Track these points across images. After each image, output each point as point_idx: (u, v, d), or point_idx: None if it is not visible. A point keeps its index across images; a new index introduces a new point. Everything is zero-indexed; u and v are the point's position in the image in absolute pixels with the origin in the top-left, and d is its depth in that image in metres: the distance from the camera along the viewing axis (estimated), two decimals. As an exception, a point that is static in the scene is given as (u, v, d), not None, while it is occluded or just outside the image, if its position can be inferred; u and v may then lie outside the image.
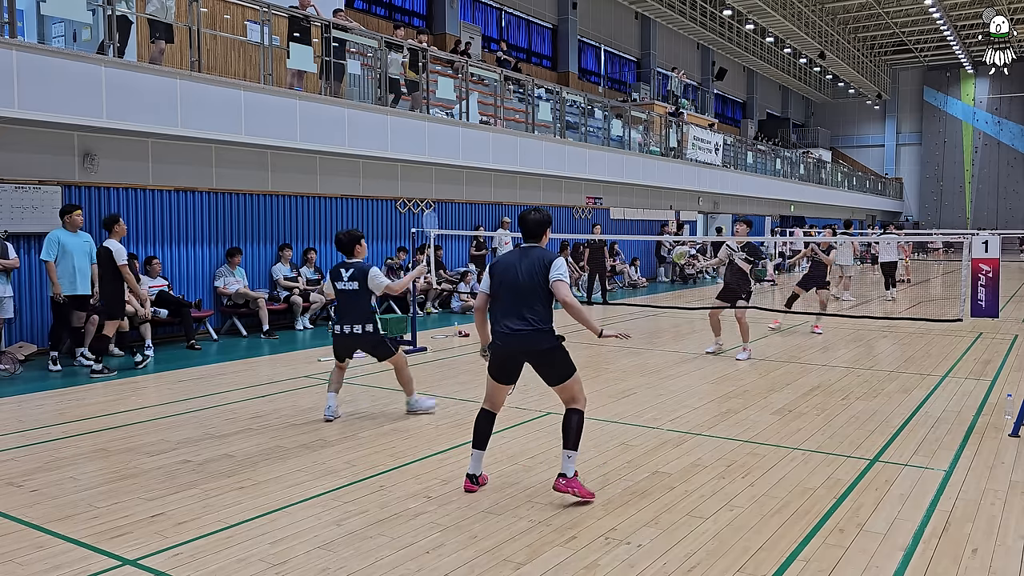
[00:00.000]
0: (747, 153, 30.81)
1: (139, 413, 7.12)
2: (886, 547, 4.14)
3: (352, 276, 6.73)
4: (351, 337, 6.78)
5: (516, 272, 4.85)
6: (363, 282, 6.70)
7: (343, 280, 6.75)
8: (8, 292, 9.24)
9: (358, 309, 6.75)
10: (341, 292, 6.79)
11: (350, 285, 6.72)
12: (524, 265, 4.84)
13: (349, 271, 6.76)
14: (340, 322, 6.82)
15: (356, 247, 6.87)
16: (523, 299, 4.80)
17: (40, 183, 10.00)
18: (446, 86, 15.54)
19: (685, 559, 3.99)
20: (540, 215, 5.04)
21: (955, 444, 6.04)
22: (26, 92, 8.91)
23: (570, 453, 4.77)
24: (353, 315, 6.76)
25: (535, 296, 4.80)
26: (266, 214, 12.87)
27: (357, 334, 6.76)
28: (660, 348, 10.95)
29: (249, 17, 12.38)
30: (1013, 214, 47.94)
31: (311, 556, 4.04)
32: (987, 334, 11.93)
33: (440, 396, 7.73)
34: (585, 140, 19.99)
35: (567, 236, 19.32)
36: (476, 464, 5.03)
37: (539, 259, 4.84)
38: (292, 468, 5.48)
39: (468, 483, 5.00)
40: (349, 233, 6.91)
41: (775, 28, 36.55)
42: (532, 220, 5.01)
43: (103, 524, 4.47)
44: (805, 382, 8.48)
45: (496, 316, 4.91)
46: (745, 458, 5.69)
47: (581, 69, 30.11)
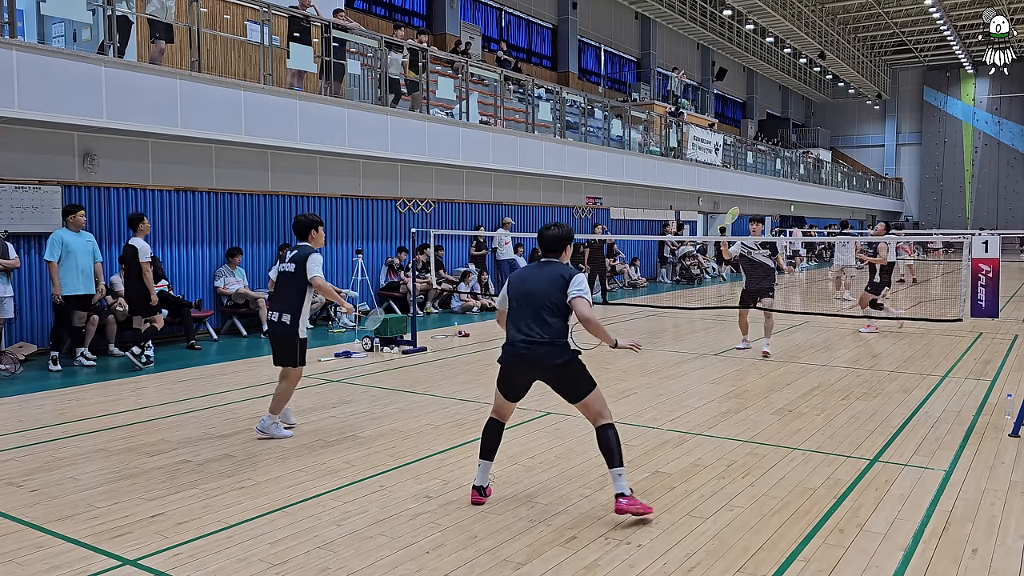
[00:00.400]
0: (747, 153, 30.82)
1: (139, 413, 7.12)
2: (886, 547, 4.14)
3: (292, 258, 6.25)
4: (277, 327, 6.21)
5: (532, 285, 4.69)
6: (300, 265, 6.16)
7: (284, 262, 6.32)
8: (8, 292, 9.24)
9: (286, 295, 6.22)
10: (280, 276, 6.33)
11: (288, 267, 6.22)
12: (542, 279, 4.67)
13: (292, 252, 6.32)
14: (271, 308, 6.39)
15: (312, 232, 6.35)
16: (537, 312, 4.61)
17: (40, 183, 10.00)
18: (446, 86, 15.54)
19: (685, 559, 3.99)
20: (560, 230, 4.83)
21: (955, 444, 6.04)
22: (26, 92, 8.92)
23: (619, 471, 4.51)
24: (284, 300, 6.23)
25: (550, 310, 4.61)
26: (266, 214, 12.87)
27: (272, 321, 6.23)
28: (660, 348, 10.95)
29: (249, 17, 12.38)
30: (1013, 214, 47.93)
31: (311, 556, 4.04)
32: (987, 334, 11.93)
33: (440, 396, 7.74)
34: (585, 140, 19.99)
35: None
36: (483, 475, 4.81)
37: (558, 274, 4.66)
38: (292, 468, 5.48)
39: (475, 495, 4.79)
40: (308, 216, 6.43)
41: (775, 28, 36.54)
42: (550, 236, 4.80)
43: (103, 524, 4.47)
44: (805, 382, 8.48)
45: (509, 328, 4.76)
46: (745, 458, 5.69)
47: (581, 69, 30.11)
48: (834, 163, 44.05)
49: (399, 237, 15.32)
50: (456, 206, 16.84)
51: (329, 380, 8.65)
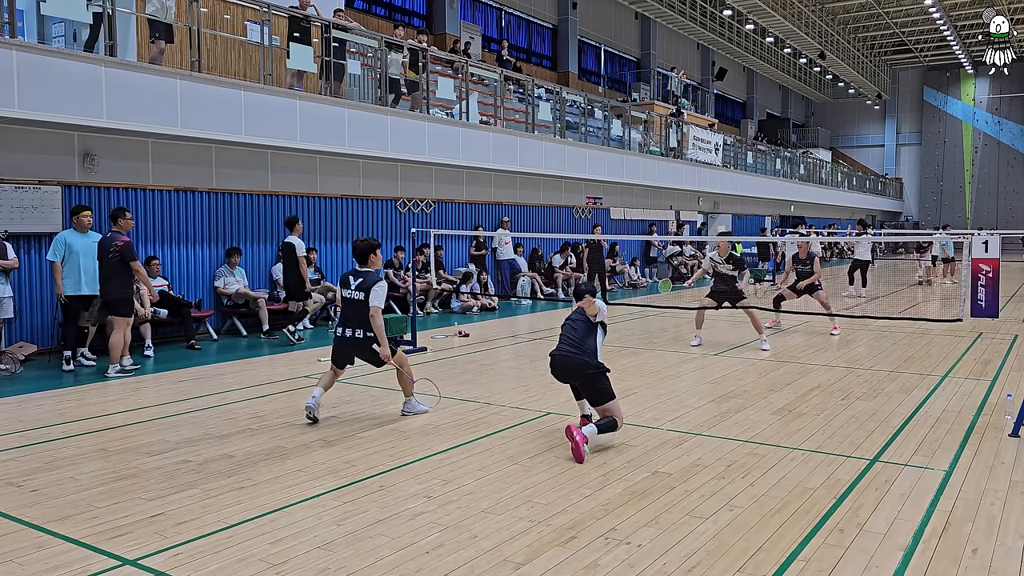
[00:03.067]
0: (747, 153, 30.82)
1: (139, 413, 7.12)
2: (886, 547, 4.14)
3: (360, 286, 6.69)
4: (351, 340, 6.74)
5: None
6: (367, 294, 6.66)
7: (350, 288, 6.74)
8: (8, 292, 9.25)
9: (357, 316, 6.72)
10: (346, 300, 6.79)
11: (356, 295, 6.69)
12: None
13: (358, 280, 6.73)
14: (342, 325, 6.83)
15: (371, 256, 6.84)
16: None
17: (40, 183, 10.00)
18: (446, 86, 15.54)
19: (685, 559, 3.99)
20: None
21: (955, 444, 6.04)
22: (26, 92, 8.92)
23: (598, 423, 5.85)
24: (355, 320, 6.73)
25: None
26: (266, 214, 12.87)
27: (358, 338, 6.71)
28: (660, 348, 10.95)
29: (249, 17, 12.38)
30: (1013, 214, 47.93)
31: (311, 556, 4.04)
32: (987, 334, 11.93)
33: (440, 396, 7.73)
34: (585, 140, 19.99)
35: (567, 236, 19.33)
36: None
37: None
38: (292, 468, 5.48)
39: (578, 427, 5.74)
40: (367, 241, 6.88)
41: (775, 28, 36.55)
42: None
43: (103, 524, 4.47)
44: (805, 382, 8.48)
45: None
46: (745, 458, 5.69)
47: (581, 69, 30.11)
48: (834, 163, 44.06)
49: (399, 237, 15.32)
50: (456, 206, 16.84)
51: (329, 380, 8.64)
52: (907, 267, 28.46)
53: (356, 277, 6.77)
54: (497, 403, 7.47)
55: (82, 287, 9.08)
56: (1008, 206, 48.72)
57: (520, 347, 11.31)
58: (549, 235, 19.02)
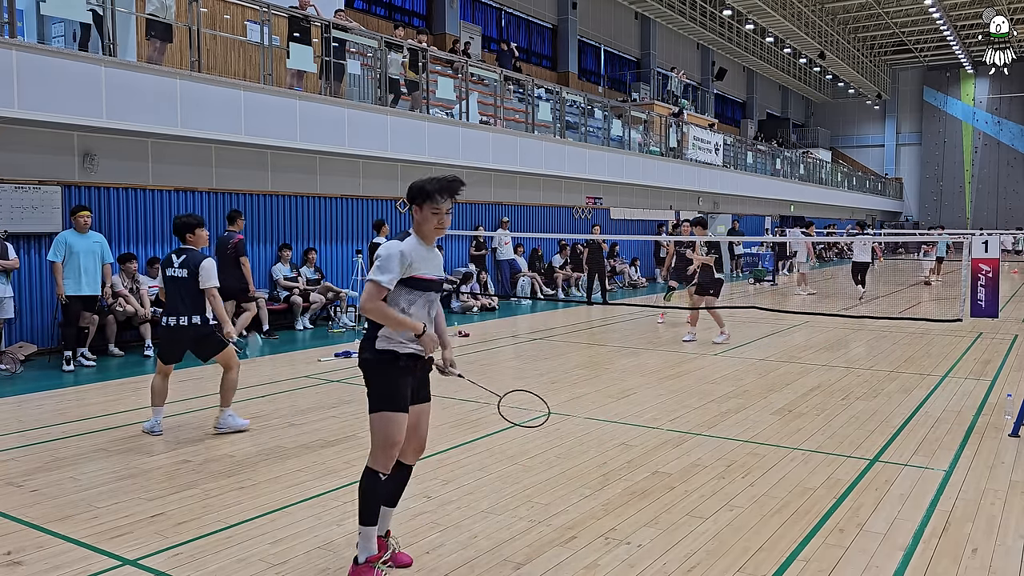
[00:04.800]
0: (747, 153, 30.83)
1: (139, 413, 7.11)
2: (886, 547, 4.14)
3: (183, 263, 6.27)
4: (177, 330, 6.28)
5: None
6: (193, 271, 6.24)
7: (173, 267, 6.30)
8: (8, 292, 9.25)
9: (188, 298, 6.26)
10: (170, 280, 6.31)
11: (180, 272, 6.26)
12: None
13: (181, 258, 6.31)
14: (167, 314, 6.35)
15: (189, 234, 6.40)
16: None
17: (40, 183, 10.00)
18: (446, 86, 15.54)
19: (685, 559, 3.99)
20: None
21: (955, 444, 6.04)
22: (26, 92, 8.92)
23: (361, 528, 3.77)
24: (182, 305, 6.27)
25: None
26: (266, 214, 12.87)
27: (183, 326, 6.26)
28: (660, 348, 10.95)
29: (249, 17, 12.37)
30: (1013, 214, 47.94)
31: (311, 556, 4.04)
32: (987, 334, 11.92)
33: (440, 396, 7.72)
34: (585, 140, 19.99)
35: (567, 236, 19.33)
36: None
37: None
38: (292, 468, 5.48)
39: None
40: (187, 216, 6.47)
41: (775, 28, 36.55)
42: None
43: (103, 524, 4.47)
44: (805, 382, 8.48)
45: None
46: (745, 458, 5.69)
47: (581, 69, 30.11)
48: (834, 163, 44.05)
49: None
50: (456, 206, 16.74)
51: (329, 380, 8.65)
52: (907, 267, 28.46)
53: (179, 255, 6.34)
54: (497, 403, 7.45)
55: (82, 287, 9.09)
56: (1008, 206, 48.73)
57: (520, 347, 11.31)
58: (549, 235, 19.02)
